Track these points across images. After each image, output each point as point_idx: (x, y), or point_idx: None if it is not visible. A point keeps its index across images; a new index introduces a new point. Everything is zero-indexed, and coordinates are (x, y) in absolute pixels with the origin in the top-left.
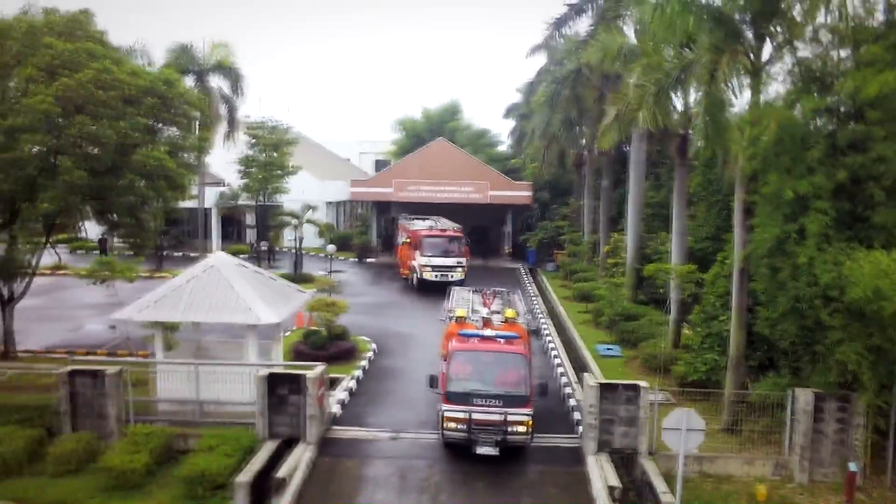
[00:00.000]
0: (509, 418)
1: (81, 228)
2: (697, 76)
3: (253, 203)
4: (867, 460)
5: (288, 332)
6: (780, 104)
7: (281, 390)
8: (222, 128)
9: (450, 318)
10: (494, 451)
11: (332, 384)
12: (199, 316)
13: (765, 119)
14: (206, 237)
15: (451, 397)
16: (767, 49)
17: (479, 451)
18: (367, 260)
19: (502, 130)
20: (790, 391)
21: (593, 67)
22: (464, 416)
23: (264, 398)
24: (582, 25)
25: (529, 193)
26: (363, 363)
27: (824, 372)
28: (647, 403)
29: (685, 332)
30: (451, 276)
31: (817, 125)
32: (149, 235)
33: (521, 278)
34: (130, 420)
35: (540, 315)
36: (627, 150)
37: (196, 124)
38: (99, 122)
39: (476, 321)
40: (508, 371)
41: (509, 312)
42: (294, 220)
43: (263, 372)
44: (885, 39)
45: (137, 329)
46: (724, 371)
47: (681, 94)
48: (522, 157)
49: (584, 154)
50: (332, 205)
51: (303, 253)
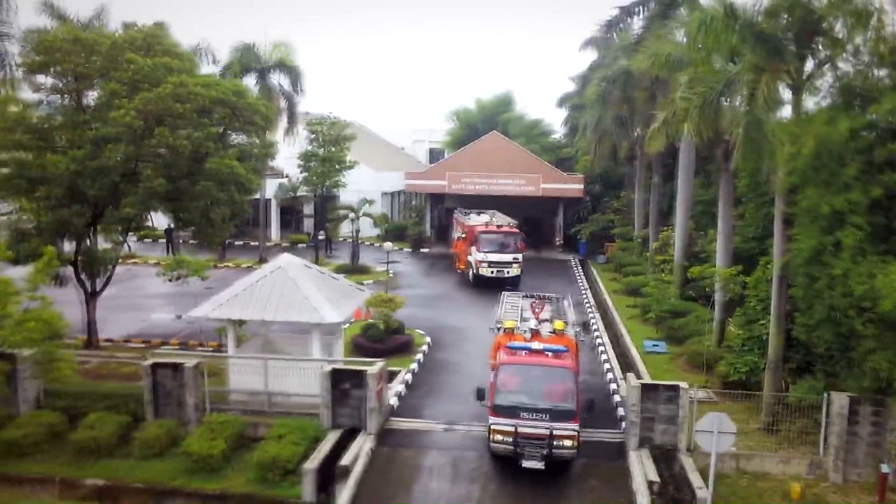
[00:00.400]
0: (556, 432)
1: (149, 218)
2: (738, 93)
3: (311, 194)
4: None
5: (347, 325)
6: (819, 121)
7: (344, 384)
8: (282, 123)
9: (498, 328)
10: (540, 465)
11: (390, 377)
12: (268, 314)
13: (803, 136)
14: (266, 227)
15: (499, 410)
16: (808, 65)
17: (525, 464)
18: (422, 250)
19: (555, 120)
20: (826, 395)
21: (643, 71)
22: (510, 429)
23: (328, 391)
24: (633, 23)
25: (581, 186)
26: (419, 356)
27: (859, 377)
28: (687, 403)
29: (730, 330)
30: (507, 273)
31: (854, 142)
32: (218, 233)
33: (572, 270)
34: (207, 409)
35: (589, 308)
36: (678, 146)
37: (263, 131)
38: (176, 132)
39: (524, 332)
40: (556, 385)
41: (558, 324)
42: (351, 214)
43: (328, 368)
44: None
45: (207, 321)
46: (763, 372)
47: (728, 100)
48: (575, 148)
49: (636, 148)
50: (386, 195)
51: (359, 243)
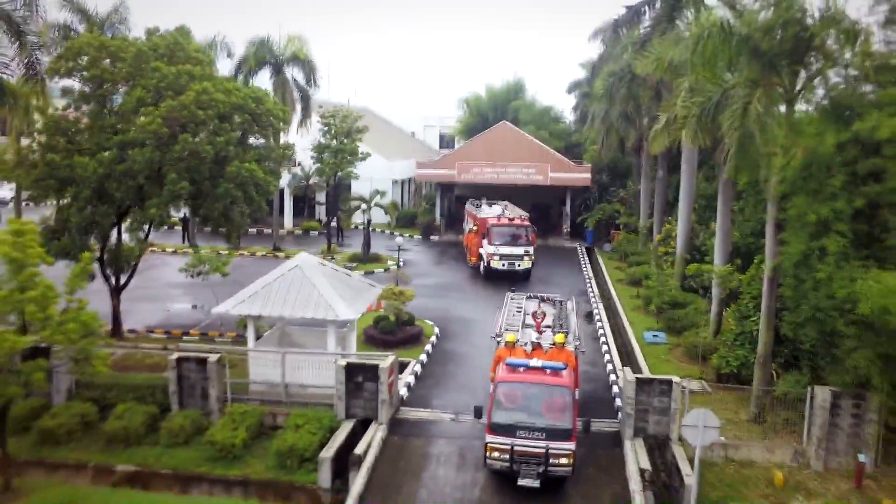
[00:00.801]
0: (552, 451)
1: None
2: (732, 107)
3: (324, 183)
4: (879, 452)
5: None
6: (808, 135)
7: (357, 378)
8: (296, 115)
9: (498, 341)
10: (536, 483)
11: (401, 368)
12: (286, 311)
13: (793, 148)
14: (280, 214)
15: (496, 428)
16: (801, 77)
17: (521, 482)
18: (432, 238)
19: (565, 105)
20: (810, 388)
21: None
22: (507, 447)
23: (343, 384)
24: (642, 21)
25: (588, 175)
26: (428, 347)
27: (841, 373)
28: (679, 395)
29: (727, 321)
30: (518, 265)
31: (840, 155)
32: (236, 229)
33: (578, 259)
34: (228, 399)
35: (593, 299)
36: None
37: (280, 134)
38: (199, 138)
39: (525, 345)
40: (553, 403)
41: (559, 337)
42: (363, 205)
43: (342, 362)
44: None
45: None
46: (753, 366)
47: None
48: (584, 135)
49: (643, 139)
50: (397, 182)
51: (371, 231)
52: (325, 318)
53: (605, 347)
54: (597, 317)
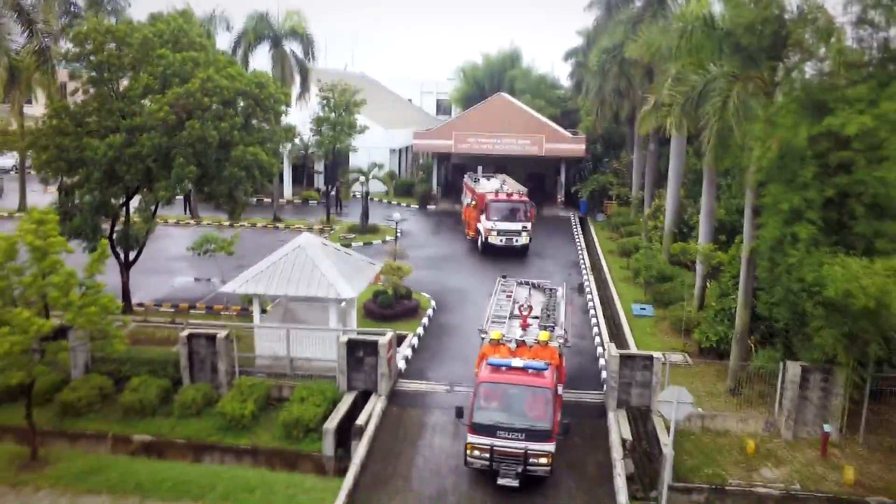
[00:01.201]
0: (531, 451)
1: None
2: (712, 103)
3: (322, 155)
4: (844, 423)
5: None
6: (783, 128)
7: (358, 353)
8: (295, 88)
9: (483, 337)
10: (515, 483)
11: (399, 341)
12: (290, 290)
13: (769, 140)
14: (280, 183)
15: (476, 428)
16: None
17: (500, 481)
18: (429, 207)
19: (562, 72)
20: (782, 364)
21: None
22: (487, 446)
23: (344, 359)
24: None
25: (583, 146)
26: (424, 320)
27: (810, 350)
28: (660, 370)
29: (709, 297)
30: (516, 241)
31: (813, 148)
32: (240, 206)
33: (571, 228)
34: (236, 373)
35: (584, 270)
36: None
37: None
38: (204, 124)
39: (510, 342)
40: (533, 405)
41: (543, 335)
42: (361, 177)
43: (344, 338)
44: (872, 79)
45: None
46: (732, 341)
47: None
48: (580, 102)
49: (636, 112)
50: (394, 151)
51: (370, 200)
52: (328, 296)
53: (594, 320)
54: (587, 289)
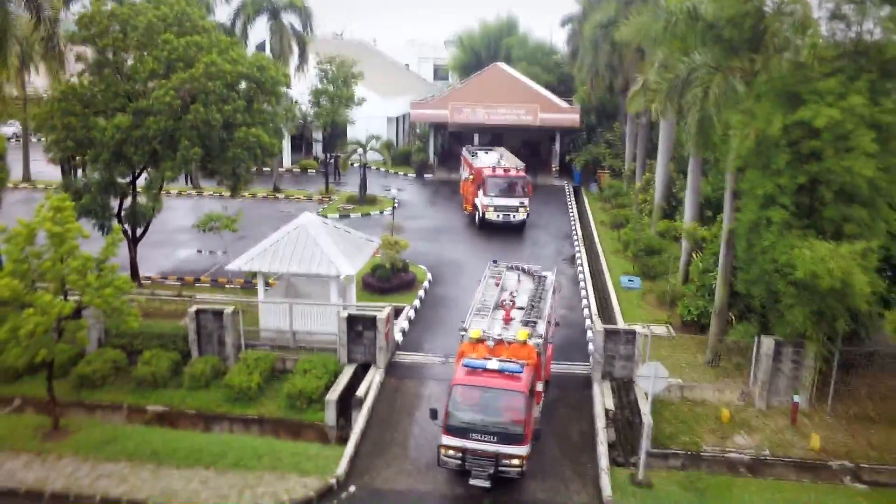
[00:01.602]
0: (503, 454)
1: None
2: (693, 93)
3: (321, 126)
4: (814, 393)
5: None
6: (760, 117)
7: (357, 327)
8: (293, 59)
9: (462, 335)
10: (486, 484)
11: (396, 313)
12: (293, 267)
13: (746, 129)
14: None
15: (450, 429)
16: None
17: (472, 481)
18: (425, 176)
19: (559, 38)
20: (757, 338)
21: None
22: (460, 447)
23: (345, 333)
24: None
25: (577, 117)
26: (420, 293)
27: (783, 325)
28: (642, 344)
29: (692, 272)
30: (513, 217)
31: (786, 136)
32: (243, 183)
33: (565, 199)
34: (242, 346)
35: (576, 242)
36: None
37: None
38: (208, 107)
39: (489, 340)
40: (506, 408)
41: (521, 334)
42: (359, 150)
43: (344, 314)
44: (842, 73)
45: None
46: (711, 315)
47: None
48: (576, 69)
49: (629, 83)
50: (392, 120)
51: (367, 169)
52: (328, 273)
53: (583, 292)
54: (578, 261)
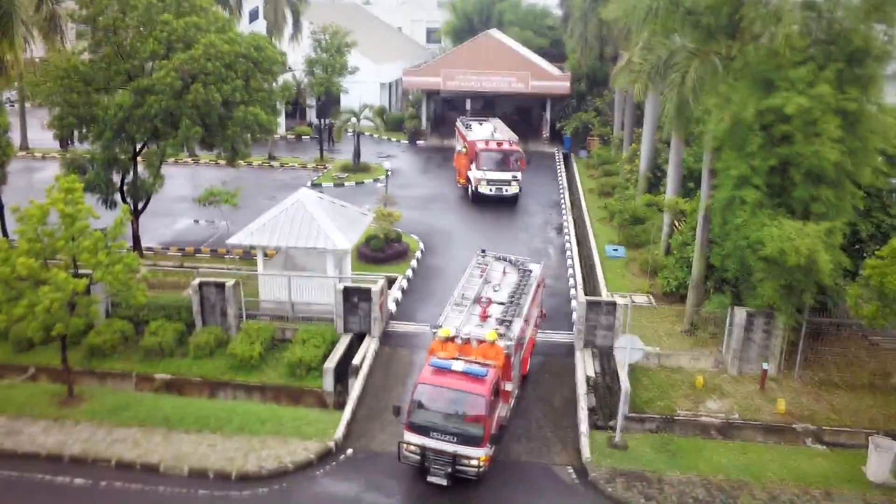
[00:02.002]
0: (461, 454)
1: None
2: (671, 78)
3: (314, 93)
4: (783, 361)
5: None
6: (735, 102)
7: (353, 298)
8: (287, 28)
9: (434, 333)
10: (443, 482)
11: (390, 284)
12: (291, 242)
13: (722, 112)
14: None
15: (412, 427)
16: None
17: (430, 479)
18: (418, 143)
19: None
20: (731, 309)
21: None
22: (420, 445)
23: (341, 304)
24: None
25: (567, 84)
26: (413, 263)
27: (755, 297)
28: (622, 314)
29: (672, 244)
30: (506, 191)
31: (759, 120)
32: (241, 156)
33: (555, 165)
34: (243, 316)
35: (564, 212)
36: None
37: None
38: (208, 87)
39: (458, 340)
40: (467, 410)
41: (490, 335)
42: (353, 119)
43: (341, 286)
44: (812, 62)
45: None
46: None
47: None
48: (566, 38)
49: (619, 51)
50: (385, 86)
51: (360, 136)
52: (325, 247)
53: (569, 262)
54: (566, 230)
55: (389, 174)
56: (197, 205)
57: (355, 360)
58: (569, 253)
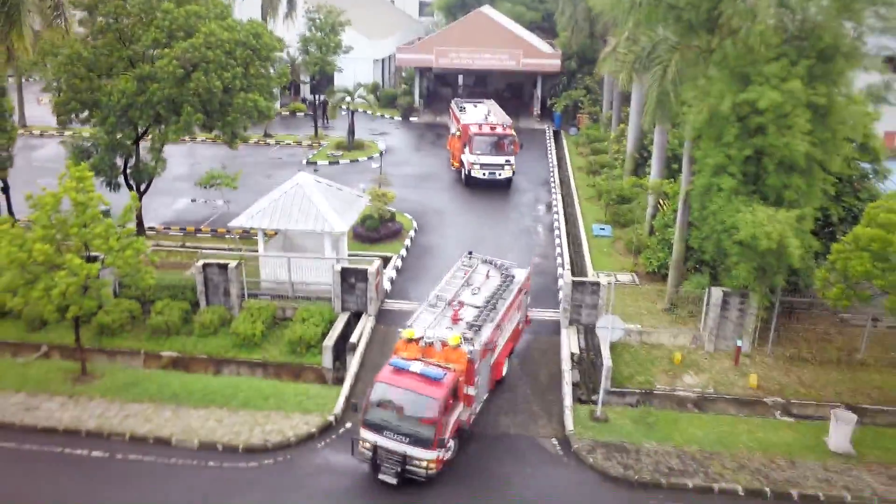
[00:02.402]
0: (410, 455)
1: None
2: (653, 71)
3: (309, 71)
4: (756, 338)
5: None
6: (713, 95)
7: (350, 279)
8: (282, 7)
9: (399, 335)
10: (393, 481)
11: (385, 263)
12: (290, 224)
13: (701, 104)
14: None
15: (367, 424)
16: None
17: (380, 476)
18: (411, 119)
19: None
20: (708, 289)
21: None
22: (373, 442)
23: (339, 284)
24: None
25: (558, 62)
26: (407, 241)
27: (731, 278)
28: (606, 294)
29: (655, 225)
30: (499, 175)
31: (736, 112)
32: (241, 139)
33: (545, 143)
34: (245, 296)
35: (553, 190)
36: None
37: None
38: (209, 75)
39: (421, 340)
40: (421, 412)
41: (453, 339)
42: (347, 97)
43: (338, 267)
44: (785, 58)
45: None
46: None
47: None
48: (557, 16)
49: (608, 32)
50: (378, 62)
51: (354, 112)
52: (323, 230)
53: (557, 241)
54: (554, 209)
55: (384, 152)
56: (198, 187)
57: (353, 338)
58: (557, 232)
